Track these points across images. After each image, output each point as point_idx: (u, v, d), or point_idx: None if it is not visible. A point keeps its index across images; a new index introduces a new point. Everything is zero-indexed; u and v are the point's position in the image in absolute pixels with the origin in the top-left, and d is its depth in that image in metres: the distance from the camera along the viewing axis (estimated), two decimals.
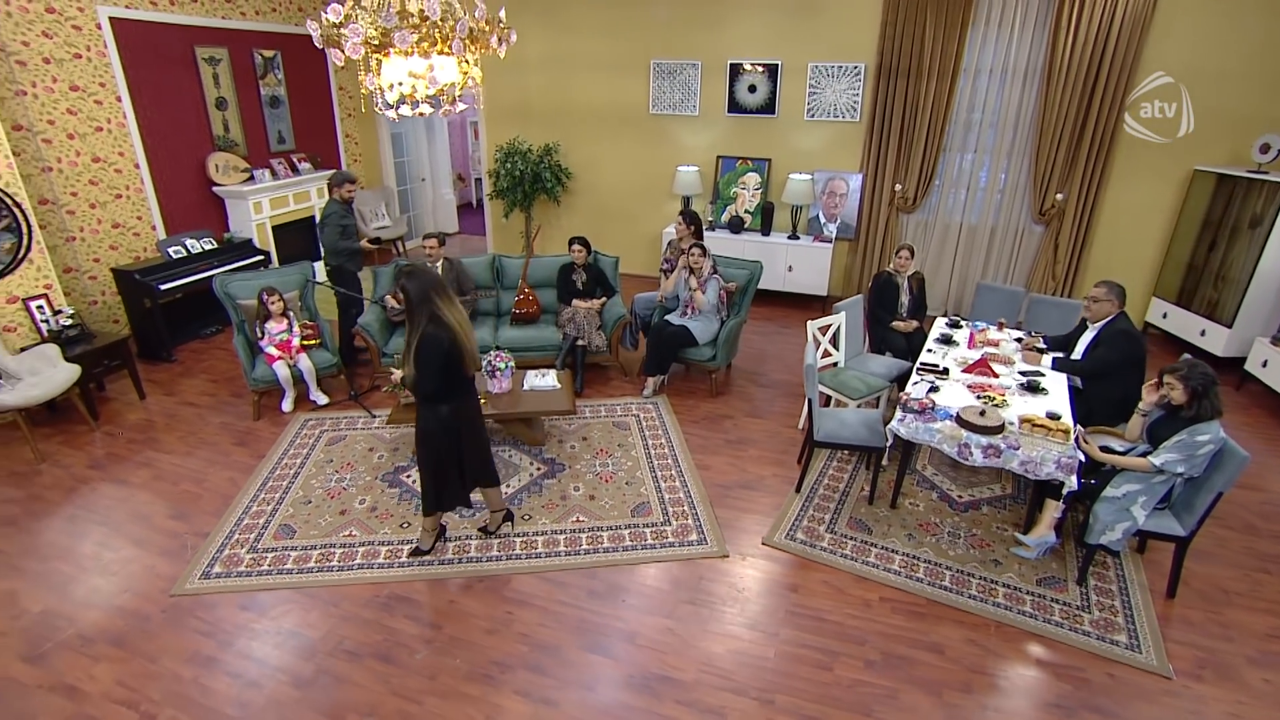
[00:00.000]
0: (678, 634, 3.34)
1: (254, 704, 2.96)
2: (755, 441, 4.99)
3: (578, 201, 8.87)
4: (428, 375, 3.28)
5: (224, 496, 4.40)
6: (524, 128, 8.67)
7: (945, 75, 6.86)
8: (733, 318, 5.73)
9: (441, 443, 3.51)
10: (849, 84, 7.29)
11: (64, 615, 3.45)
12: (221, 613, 3.45)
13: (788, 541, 3.98)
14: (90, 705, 2.96)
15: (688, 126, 8.00)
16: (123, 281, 6.41)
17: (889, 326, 5.46)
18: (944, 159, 7.22)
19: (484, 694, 3.01)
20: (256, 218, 7.75)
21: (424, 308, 3.26)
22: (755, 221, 7.91)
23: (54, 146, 6.00)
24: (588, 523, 4.09)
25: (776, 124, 7.65)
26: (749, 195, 7.92)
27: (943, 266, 7.60)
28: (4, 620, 3.43)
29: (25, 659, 3.20)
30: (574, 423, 5.23)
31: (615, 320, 5.80)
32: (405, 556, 3.81)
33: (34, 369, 5.03)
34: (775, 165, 7.78)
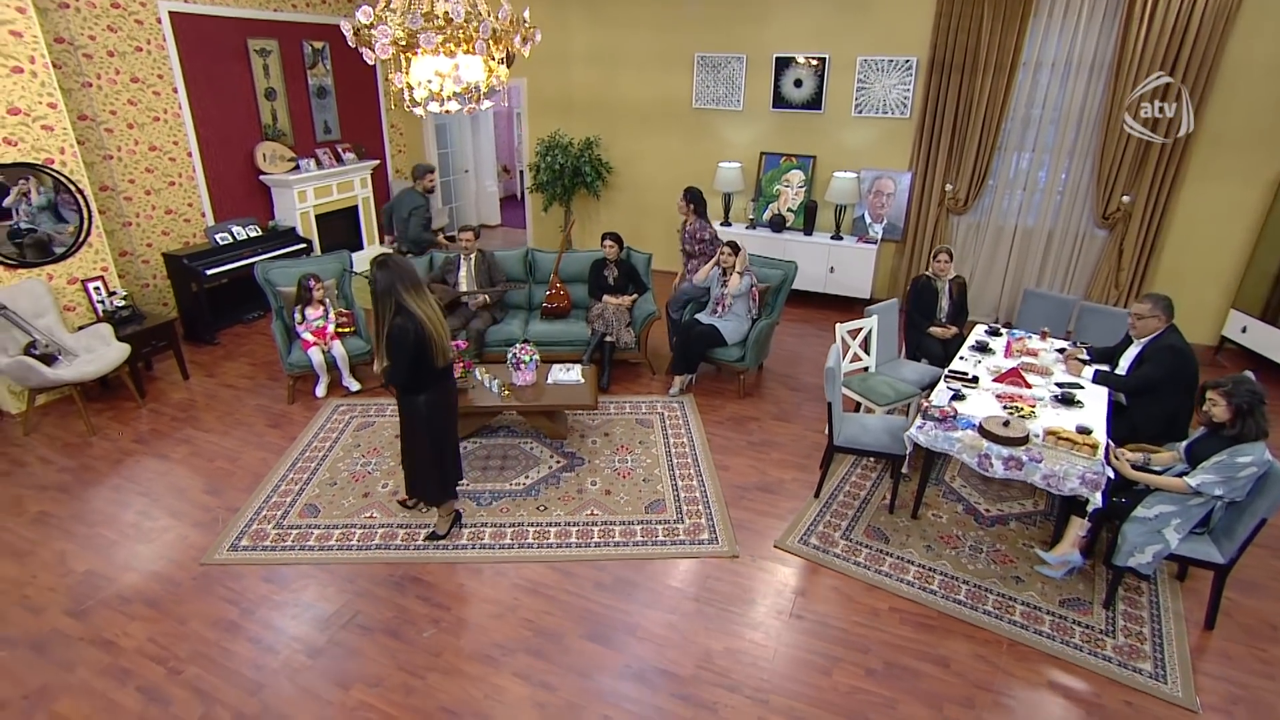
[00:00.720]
0: (679, 629, 3.53)
1: (269, 668, 3.28)
2: (779, 445, 5.14)
3: (617, 196, 9.12)
4: (398, 366, 3.55)
5: (255, 474, 4.78)
6: (566, 121, 8.96)
7: (1003, 69, 6.83)
8: (764, 318, 5.87)
9: (431, 429, 3.78)
10: (899, 79, 7.33)
11: (105, 576, 3.86)
12: (246, 583, 3.80)
13: (800, 546, 4.12)
14: (124, 659, 3.33)
15: (731, 122, 8.16)
16: (172, 266, 6.92)
17: (926, 332, 5.49)
18: (999, 158, 7.18)
19: (484, 674, 3.26)
20: (301, 206, 8.21)
21: (387, 299, 3.49)
22: (798, 220, 8.02)
23: (115, 135, 6.52)
24: (601, 516, 4.32)
25: (822, 120, 7.74)
26: (792, 193, 8.03)
27: (994, 272, 7.54)
28: (53, 578, 3.85)
29: (70, 613, 3.61)
30: (597, 418, 5.46)
31: (645, 317, 6.01)
32: (421, 540, 4.09)
33: (89, 346, 5.52)
34: (820, 163, 7.87)
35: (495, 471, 4.79)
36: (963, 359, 4.97)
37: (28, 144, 5.37)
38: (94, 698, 3.14)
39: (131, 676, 3.24)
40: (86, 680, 3.22)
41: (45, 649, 3.39)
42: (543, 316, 6.32)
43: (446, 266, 6.24)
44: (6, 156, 5.28)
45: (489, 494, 4.55)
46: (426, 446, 3.80)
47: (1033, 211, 7.26)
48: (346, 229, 9.08)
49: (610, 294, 6.21)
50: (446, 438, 3.85)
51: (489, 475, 4.74)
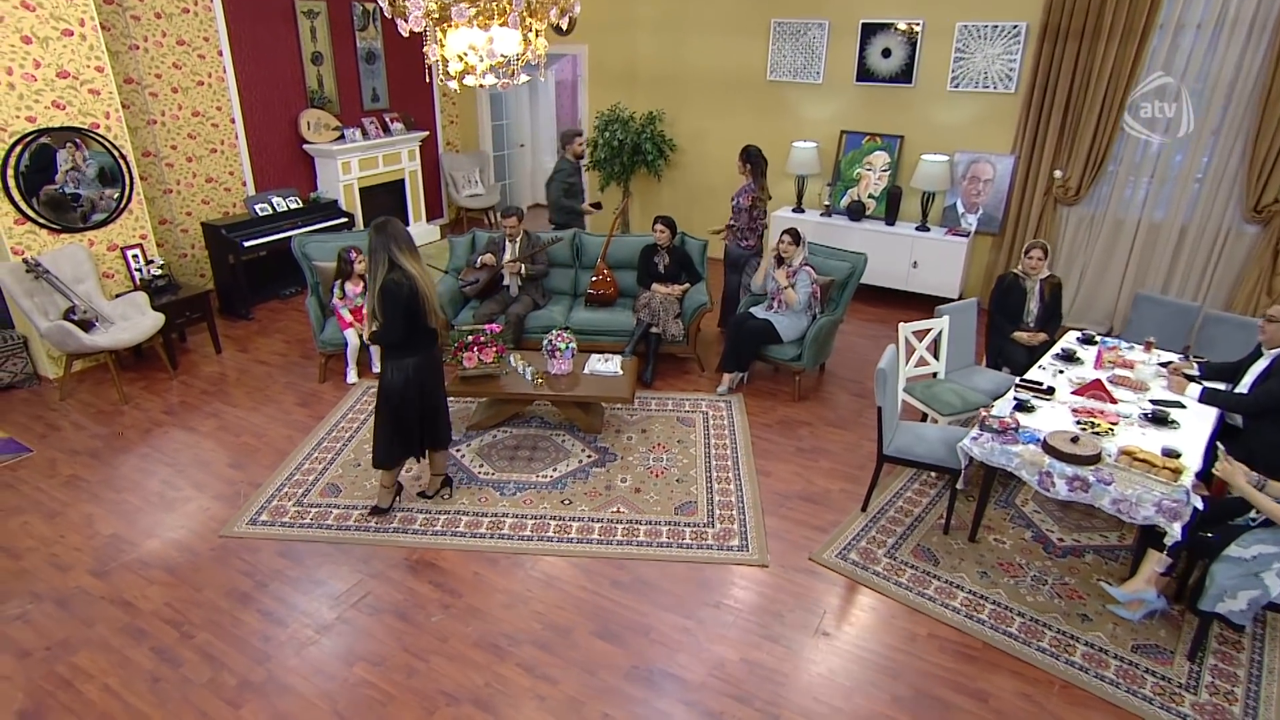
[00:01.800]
0: (694, 635, 3.80)
1: (276, 639, 3.71)
2: (830, 453, 5.34)
3: (680, 177, 9.41)
4: (391, 323, 3.98)
5: (280, 451, 5.28)
6: (628, 93, 9.30)
7: (1133, 33, 6.60)
8: (825, 315, 6.04)
9: (405, 395, 4.20)
10: (1005, 47, 7.29)
11: (129, 540, 4.41)
12: (262, 556, 4.27)
13: (838, 560, 4.31)
14: (141, 620, 3.82)
15: (809, 96, 8.34)
16: (210, 236, 7.58)
17: (1010, 338, 5.50)
18: (1122, 139, 6.99)
19: (489, 662, 3.61)
20: (344, 178, 8.82)
21: (380, 256, 3.94)
22: (879, 208, 8.13)
23: (159, 100, 7.21)
24: (627, 515, 4.62)
25: (913, 95, 7.81)
26: (874, 177, 8.14)
27: (1110, 272, 7.35)
28: (81, 539, 4.42)
29: (94, 573, 4.15)
30: (636, 414, 5.77)
31: (696, 309, 6.28)
32: (368, 518, 4.56)
33: (125, 314, 6.16)
34: (908, 143, 7.97)
35: (523, 462, 5.16)
36: (1042, 368, 5.02)
37: (75, 108, 6.03)
38: (110, 653, 3.63)
39: (147, 636, 3.72)
40: (105, 637, 3.72)
41: (69, 604, 3.93)
42: (587, 304, 6.68)
43: (490, 248, 6.65)
44: (55, 120, 5.95)
45: (514, 484, 4.91)
46: (395, 410, 4.23)
47: (1163, 203, 6.97)
48: (392, 204, 9.67)
49: (660, 282, 6.51)
50: (429, 401, 4.30)
51: (516, 465, 5.11)
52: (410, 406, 4.26)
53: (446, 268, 6.96)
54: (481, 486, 4.91)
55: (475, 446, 5.36)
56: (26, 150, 5.81)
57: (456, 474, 5.02)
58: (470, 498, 4.79)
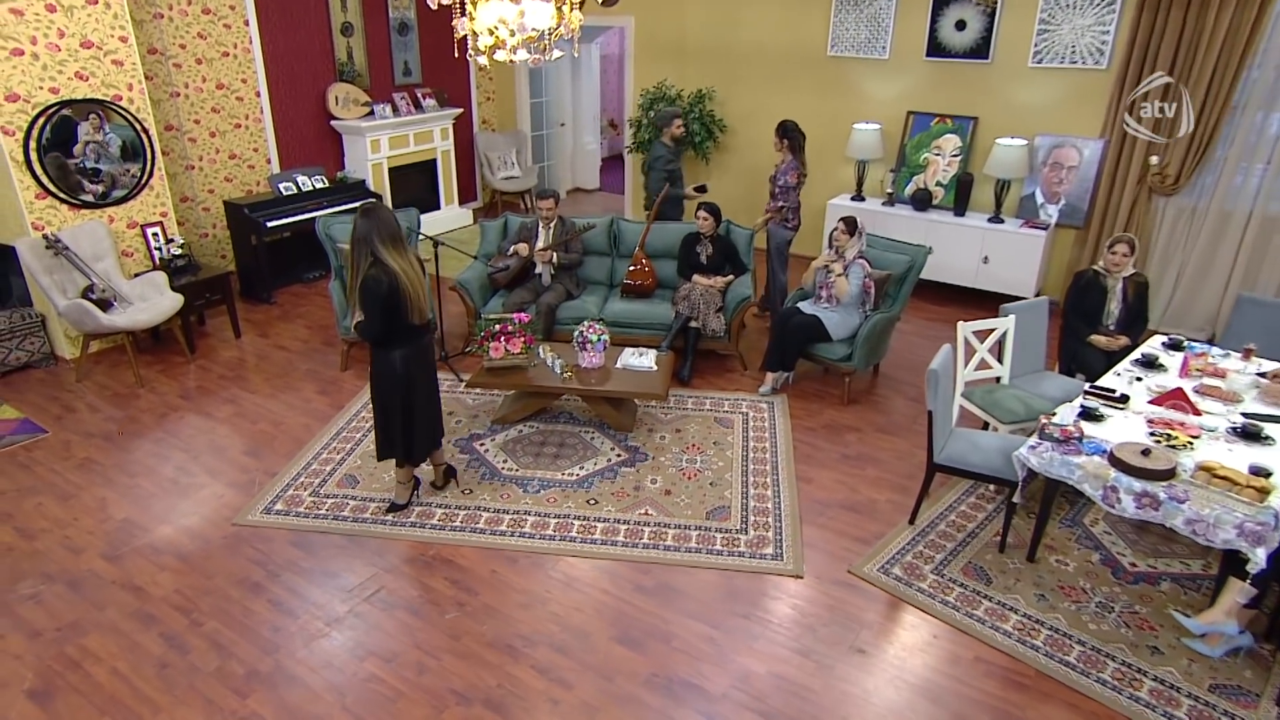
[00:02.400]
0: (719, 644, 3.93)
1: (286, 630, 3.95)
2: (878, 461, 5.43)
3: (730, 161, 9.53)
4: (369, 319, 4.15)
5: (297, 440, 5.55)
6: (677, 69, 9.46)
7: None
8: (879, 311, 6.12)
9: (392, 389, 4.40)
10: (1096, 18, 7.21)
11: (141, 525, 4.70)
12: (275, 546, 4.53)
13: (879, 575, 4.40)
14: (151, 605, 4.09)
15: (874, 73, 8.40)
16: (233, 215, 7.93)
17: (1086, 341, 5.46)
18: (1233, 120, 6.82)
19: (501, 663, 3.79)
20: (373, 157, 9.13)
21: (362, 248, 4.09)
22: (948, 197, 8.16)
23: (183, 71, 7.58)
24: (655, 517, 4.78)
25: (989, 72, 7.81)
26: (943, 163, 8.17)
27: (1214, 272, 7.18)
28: (94, 522, 4.74)
29: (105, 557, 4.45)
30: (670, 412, 5.93)
31: (739, 303, 6.41)
32: (385, 513, 4.79)
33: (144, 294, 6.51)
34: (982, 126, 7.98)
35: (548, 459, 5.35)
36: (1118, 374, 4.98)
37: (98, 79, 6.38)
38: (120, 637, 3.90)
39: (156, 622, 3.99)
40: (115, 620, 4.00)
41: (80, 587, 4.22)
42: (623, 294, 6.86)
43: (523, 233, 6.87)
44: (77, 91, 6.31)
45: (537, 482, 5.11)
46: (383, 403, 4.45)
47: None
48: (423, 185, 9.96)
49: (701, 273, 6.65)
50: (418, 396, 4.49)
51: (541, 462, 5.31)
52: (399, 402, 4.46)
53: (477, 253, 7.18)
54: (504, 483, 5.11)
55: (500, 441, 5.57)
56: (49, 123, 6.17)
57: (479, 468, 5.23)
58: (492, 494, 4.99)
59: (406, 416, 4.50)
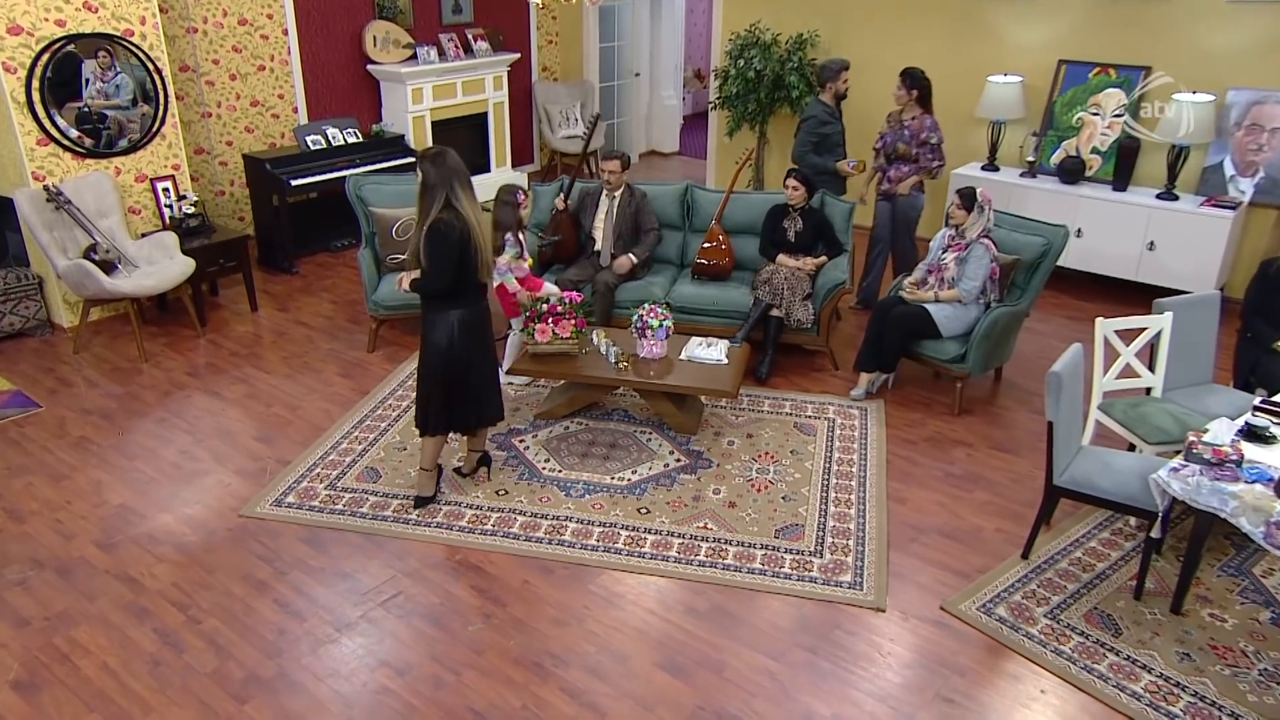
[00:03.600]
0: (779, 679, 4.11)
1: (291, 633, 4.26)
2: (990, 483, 5.52)
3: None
4: (439, 268, 4.49)
5: (315, 427, 5.92)
6: (773, 9, 9.64)
7: None
8: (1003, 305, 6.15)
9: (451, 356, 4.73)
10: None
11: (138, 512, 5.10)
12: (284, 541, 4.86)
13: (979, 614, 4.50)
14: (146, 598, 4.46)
15: (1018, 12, 8.43)
16: (253, 171, 8.40)
17: (1272, 349, 5.32)
18: None
19: (528, 681, 4.03)
20: (415, 109, 9.52)
21: (437, 193, 4.45)
22: (1105, 168, 8.09)
23: (200, 4, 8.06)
24: (715, 532, 4.97)
25: (1170, 9, 7.69)
26: (1102, 125, 8.10)
27: None
28: (87, 507, 5.15)
29: (99, 545, 4.85)
30: (743, 414, 6.12)
31: (832, 288, 6.54)
32: (410, 509, 5.11)
33: (151, 257, 6.97)
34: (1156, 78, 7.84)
35: (597, 460, 5.59)
36: None
37: (108, 10, 6.86)
38: (111, 630, 4.27)
39: (150, 617, 4.35)
40: (106, 612, 4.37)
41: (71, 575, 4.62)
42: (695, 275, 7.06)
43: (582, 203, 7.12)
44: (85, 25, 6.80)
45: (583, 485, 5.35)
46: (444, 371, 4.78)
47: None
48: (471, 143, 10.32)
49: (788, 253, 6.81)
50: (474, 361, 4.82)
51: (588, 464, 5.56)
52: (458, 369, 4.78)
53: (528, 222, 7.45)
54: (544, 484, 5.36)
55: (542, 438, 5.84)
56: (53, 60, 6.65)
57: (516, 466, 5.50)
58: (529, 496, 5.25)
59: (460, 387, 4.85)
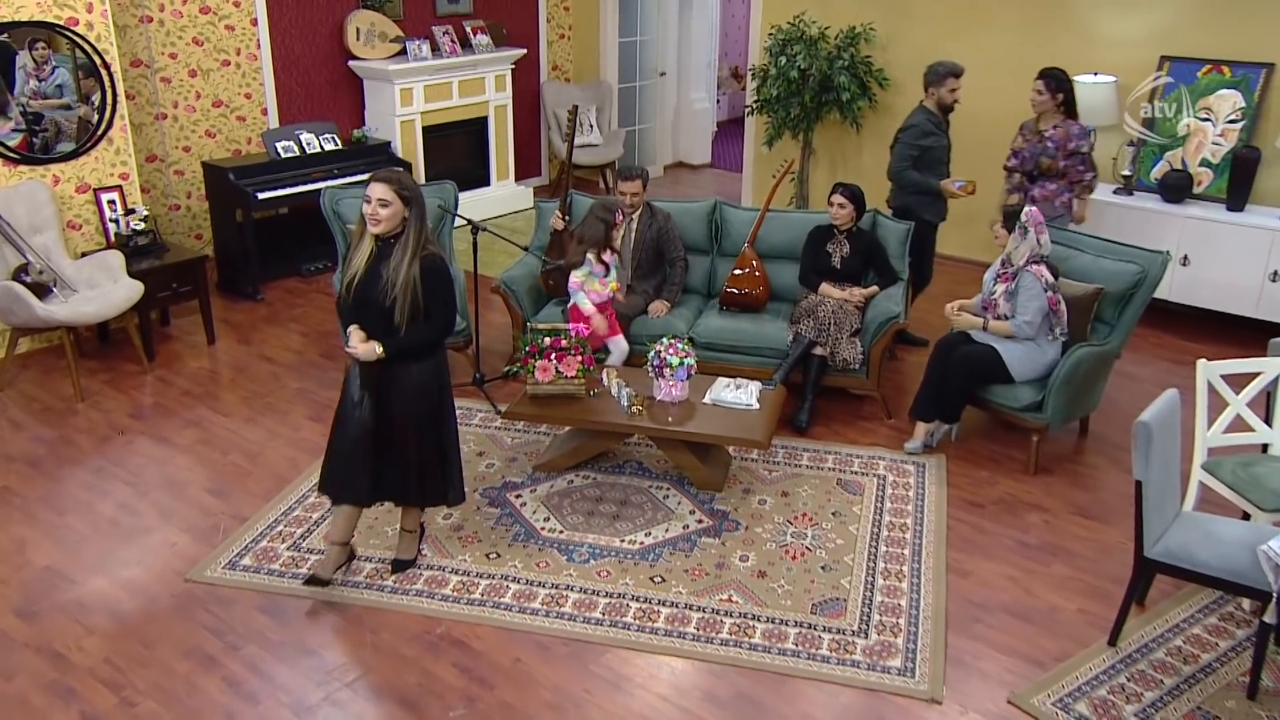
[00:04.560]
0: None
1: (242, 717, 4.25)
2: (1071, 555, 5.45)
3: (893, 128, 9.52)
4: (442, 313, 4.72)
5: (278, 478, 5.95)
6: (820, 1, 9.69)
7: None
8: (1089, 344, 6.06)
9: (444, 401, 4.90)
10: None
11: (68, 576, 5.10)
12: (237, 611, 4.86)
13: (1054, 710, 4.41)
14: (72, 676, 4.45)
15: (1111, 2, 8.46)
16: (214, 182, 8.51)
17: None
18: None
19: None
20: (403, 112, 9.64)
21: (418, 220, 4.62)
22: (1217, 184, 8.05)
23: None
24: (742, 605, 4.94)
25: None
26: (1213, 133, 8.07)
27: None
28: (7, 568, 5.17)
29: (19, 613, 4.85)
30: (778, 469, 6.11)
31: (884, 323, 6.53)
32: (388, 577, 5.09)
33: (92, 280, 7.05)
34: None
35: (605, 520, 5.59)
36: None
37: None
38: (29, 714, 4.25)
39: (76, 698, 4.34)
40: (24, 692, 4.36)
41: None
42: (723, 306, 7.06)
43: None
44: (22, 12, 6.91)
45: (587, 548, 5.34)
46: (448, 422, 4.91)
47: None
48: (468, 152, 10.43)
49: (832, 282, 6.81)
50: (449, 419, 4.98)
51: (595, 523, 5.56)
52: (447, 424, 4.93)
53: (530, 245, 7.50)
54: (542, 546, 5.36)
55: (542, 493, 5.84)
56: None
57: (511, 525, 5.52)
58: (525, 560, 5.24)
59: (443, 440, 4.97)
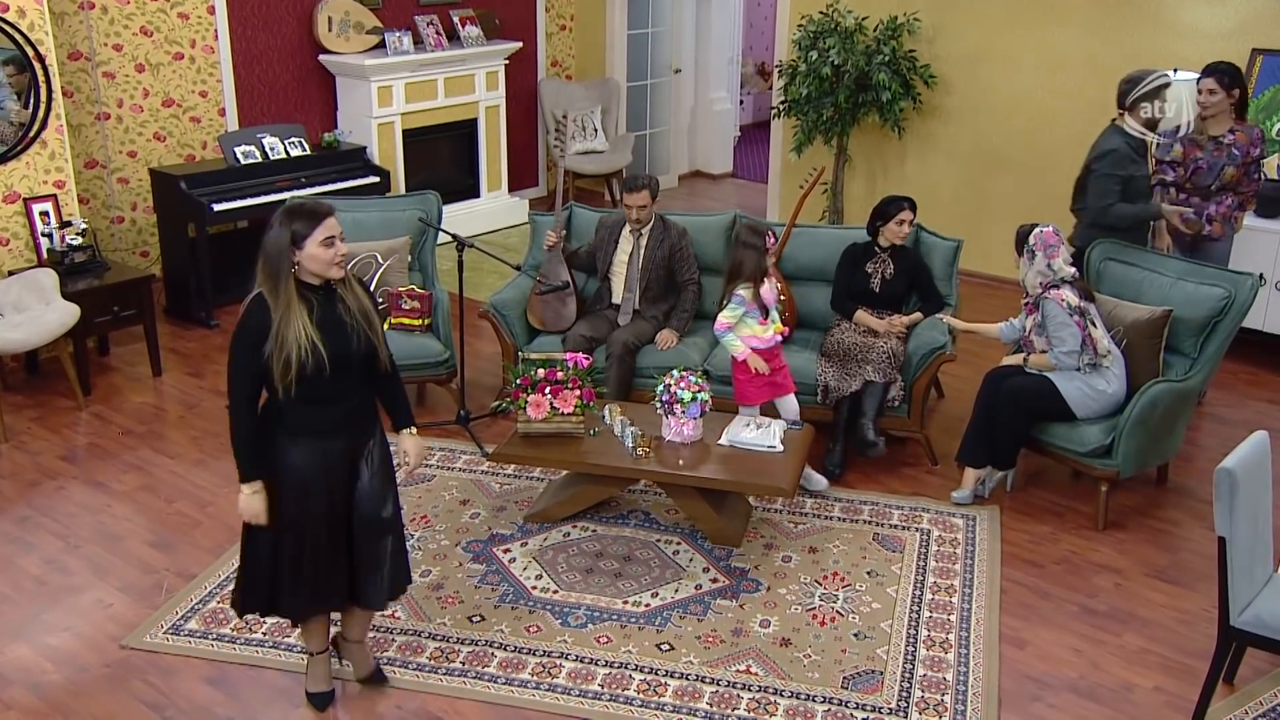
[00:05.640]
0: None
1: None
2: (1147, 624, 5.39)
3: (941, 133, 9.73)
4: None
5: (231, 530, 5.81)
6: None
7: None
8: (1166, 380, 6.02)
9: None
10: None
11: None
12: (181, 682, 4.84)
13: None
14: None
15: None
16: (163, 192, 8.56)
17: None
18: None
19: None
20: (381, 113, 9.70)
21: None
22: None
23: None
24: (762, 678, 4.91)
25: None
26: None
27: None
28: None
29: None
30: (804, 521, 6.11)
31: (928, 355, 6.52)
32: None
33: (20, 302, 7.08)
34: None
35: (606, 578, 5.59)
36: None
37: None
38: None
39: None
40: None
41: None
42: None
43: (598, 242, 7.23)
44: None
45: (585, 610, 5.32)
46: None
47: None
48: (455, 159, 10.49)
49: (870, 307, 6.81)
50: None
51: (594, 582, 5.55)
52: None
53: (522, 264, 7.53)
54: (534, 608, 5.34)
55: (533, 547, 5.84)
56: None
57: (498, 585, 5.51)
58: (513, 624, 5.22)
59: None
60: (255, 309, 4.10)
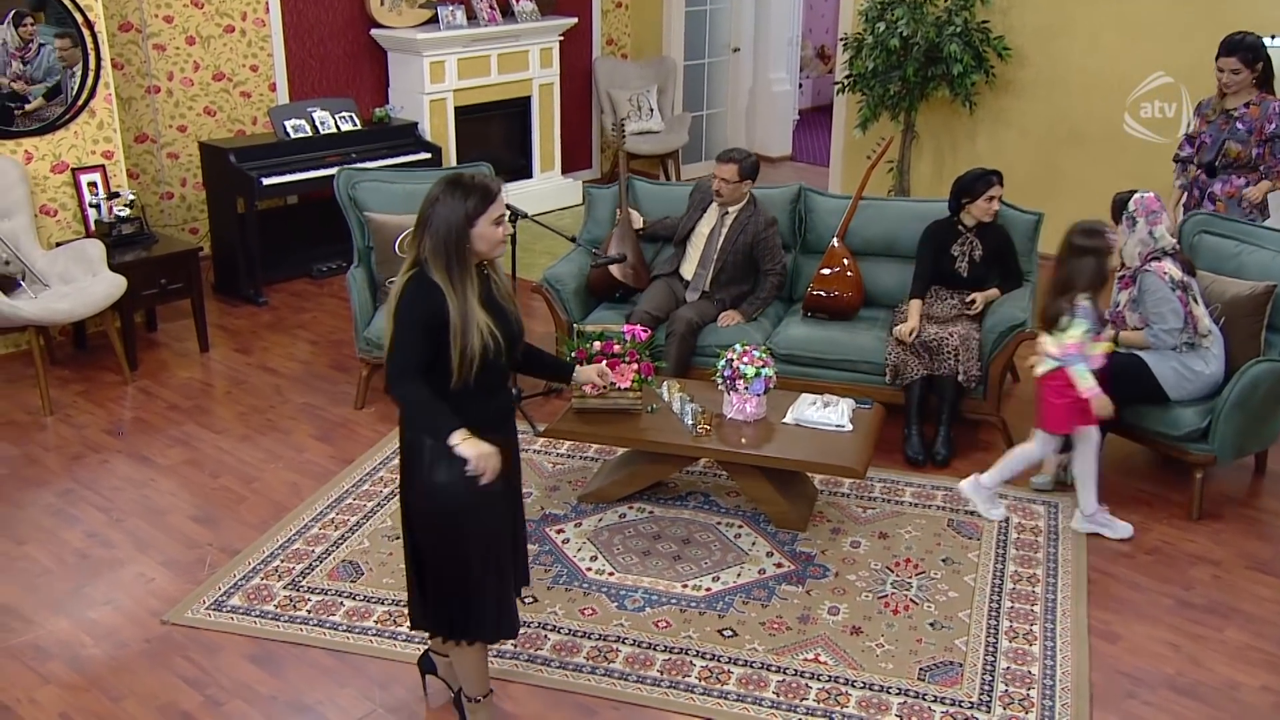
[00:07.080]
0: None
1: None
2: (1250, 619, 5.20)
3: (1014, 108, 9.56)
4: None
5: (276, 505, 5.84)
6: None
7: None
8: (1267, 359, 5.78)
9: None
10: None
11: (23, 616, 4.99)
12: (223, 659, 4.72)
13: None
14: None
15: None
16: (213, 166, 8.52)
17: None
18: None
19: None
20: (433, 89, 9.63)
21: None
22: None
23: None
24: (831, 668, 4.73)
25: None
26: None
27: None
28: None
29: None
30: (874, 505, 5.93)
31: (1005, 333, 6.34)
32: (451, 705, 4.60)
33: (67, 274, 7.00)
34: None
35: (664, 560, 5.43)
36: None
37: None
38: None
39: None
40: None
41: None
42: (807, 311, 6.91)
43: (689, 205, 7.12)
44: None
45: (643, 593, 5.16)
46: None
47: None
48: (507, 139, 10.41)
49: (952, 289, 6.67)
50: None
51: (652, 564, 5.39)
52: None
53: (578, 236, 7.37)
54: (588, 590, 5.19)
55: (588, 527, 5.70)
56: None
57: (552, 566, 5.37)
58: (567, 606, 5.07)
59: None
60: (424, 289, 3.72)
